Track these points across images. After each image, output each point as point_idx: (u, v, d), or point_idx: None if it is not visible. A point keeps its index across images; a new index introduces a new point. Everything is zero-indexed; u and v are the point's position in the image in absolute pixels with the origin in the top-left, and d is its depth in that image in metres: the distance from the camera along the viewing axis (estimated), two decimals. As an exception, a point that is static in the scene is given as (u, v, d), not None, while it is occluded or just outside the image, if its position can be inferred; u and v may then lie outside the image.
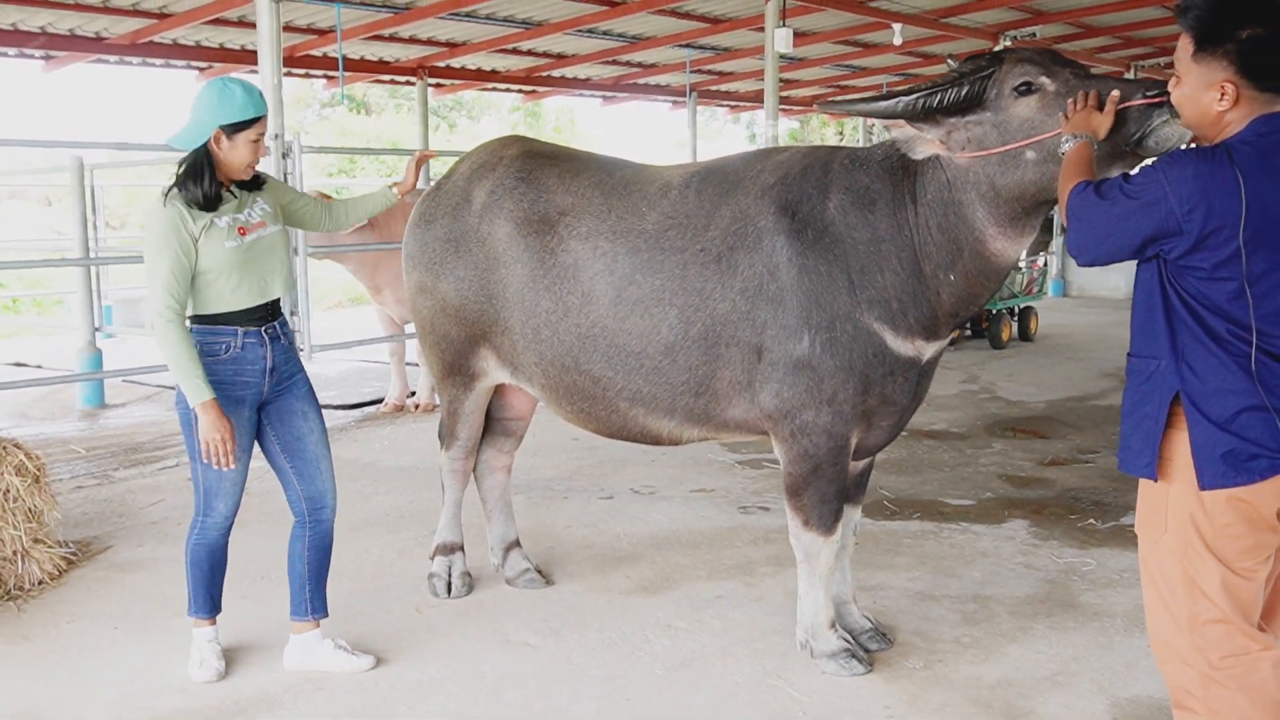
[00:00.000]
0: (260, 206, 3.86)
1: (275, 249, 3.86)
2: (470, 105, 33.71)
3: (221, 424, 3.61)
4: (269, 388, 3.85)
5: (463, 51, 14.30)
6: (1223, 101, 2.58)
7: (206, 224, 3.65)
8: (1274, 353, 2.57)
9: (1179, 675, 2.75)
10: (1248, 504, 2.60)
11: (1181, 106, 2.71)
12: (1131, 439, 2.77)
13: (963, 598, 4.66)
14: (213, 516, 3.88)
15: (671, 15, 13.09)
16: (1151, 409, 2.70)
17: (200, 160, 3.66)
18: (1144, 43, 16.59)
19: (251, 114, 3.65)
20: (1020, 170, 3.36)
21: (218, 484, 3.82)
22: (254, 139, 3.69)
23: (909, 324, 3.71)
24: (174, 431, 8.12)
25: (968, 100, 3.39)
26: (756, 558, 5.19)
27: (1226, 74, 2.56)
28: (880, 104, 3.52)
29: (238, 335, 3.75)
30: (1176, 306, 2.66)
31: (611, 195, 4.16)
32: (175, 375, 3.61)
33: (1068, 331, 13.15)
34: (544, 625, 4.43)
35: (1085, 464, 6.93)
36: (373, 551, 5.32)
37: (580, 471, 6.84)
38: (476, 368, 4.52)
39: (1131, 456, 2.77)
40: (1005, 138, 3.36)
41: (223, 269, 3.67)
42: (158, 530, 5.69)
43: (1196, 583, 2.66)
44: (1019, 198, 3.42)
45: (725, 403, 3.96)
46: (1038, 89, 3.30)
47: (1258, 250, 2.51)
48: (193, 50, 13.03)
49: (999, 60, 3.39)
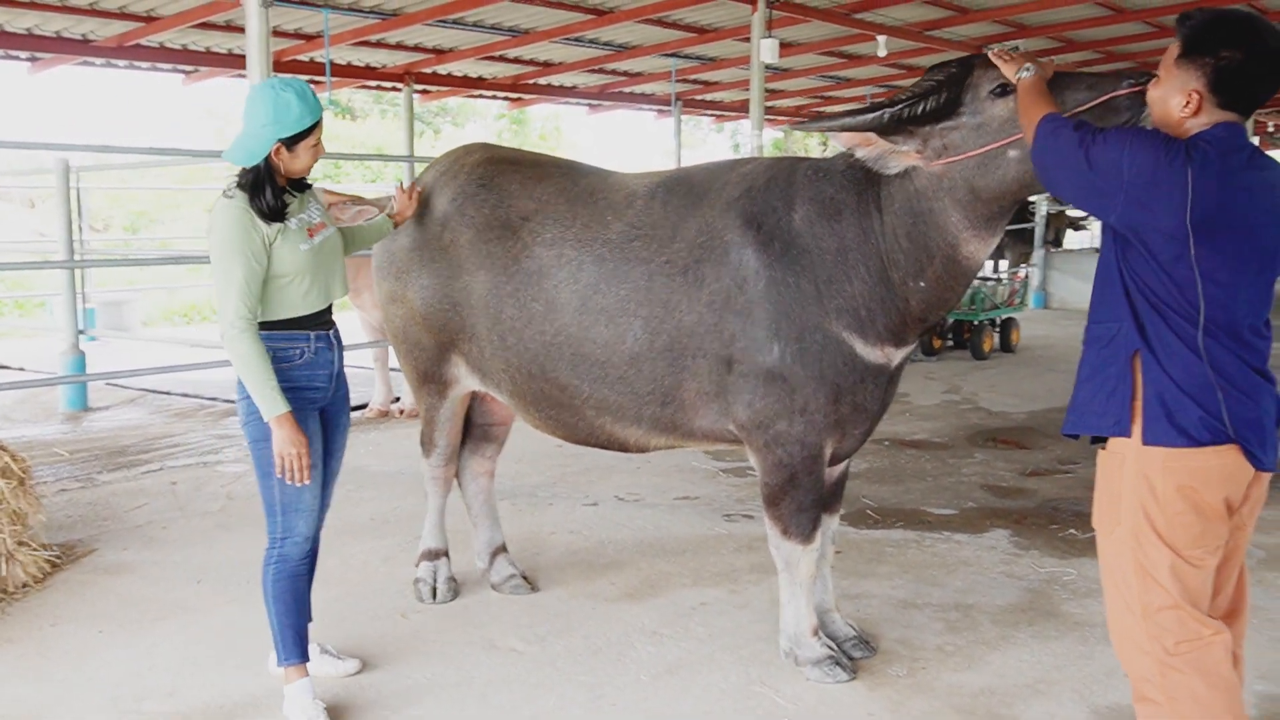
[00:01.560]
0: (315, 206, 3.74)
1: (337, 250, 3.76)
2: (455, 112, 33.73)
3: (298, 438, 3.44)
4: (332, 393, 3.74)
5: (449, 58, 14.32)
6: (1187, 108, 2.77)
7: (280, 227, 3.51)
8: (1217, 335, 2.73)
9: (1138, 664, 2.88)
10: (1196, 492, 2.75)
11: (1153, 104, 2.88)
12: (1093, 402, 2.89)
13: (945, 606, 4.70)
14: (293, 538, 3.65)
15: (658, 25, 13.15)
16: (1116, 369, 2.83)
17: (262, 175, 3.48)
18: (1125, 58, 16.73)
19: (309, 122, 3.49)
20: (1003, 169, 3.39)
21: (296, 501, 3.60)
22: (314, 144, 3.56)
23: (878, 331, 3.74)
24: (157, 435, 8.13)
25: (945, 107, 3.42)
26: (740, 565, 5.22)
27: (1198, 84, 2.74)
28: (861, 119, 3.49)
29: (310, 339, 3.62)
30: (1129, 280, 2.82)
31: (576, 202, 4.18)
32: (250, 388, 3.43)
33: (1049, 343, 13.25)
34: (530, 631, 4.45)
35: (1066, 474, 6.99)
36: (357, 557, 5.33)
37: (564, 478, 6.86)
38: (449, 375, 4.54)
39: (1093, 418, 2.88)
40: (984, 139, 3.39)
41: (296, 272, 3.54)
42: (142, 534, 5.69)
43: (1148, 571, 2.81)
44: (999, 197, 3.46)
45: (692, 412, 3.99)
46: (1013, 90, 3.30)
47: (1205, 242, 2.67)
48: (179, 54, 13.01)
49: (968, 66, 3.43)
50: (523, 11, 12.17)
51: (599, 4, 12.01)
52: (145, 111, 36.74)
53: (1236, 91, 2.73)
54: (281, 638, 3.67)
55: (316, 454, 3.63)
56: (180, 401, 9.59)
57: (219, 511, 6.12)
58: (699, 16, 13.01)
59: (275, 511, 3.63)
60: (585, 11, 12.20)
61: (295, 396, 3.54)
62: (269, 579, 3.67)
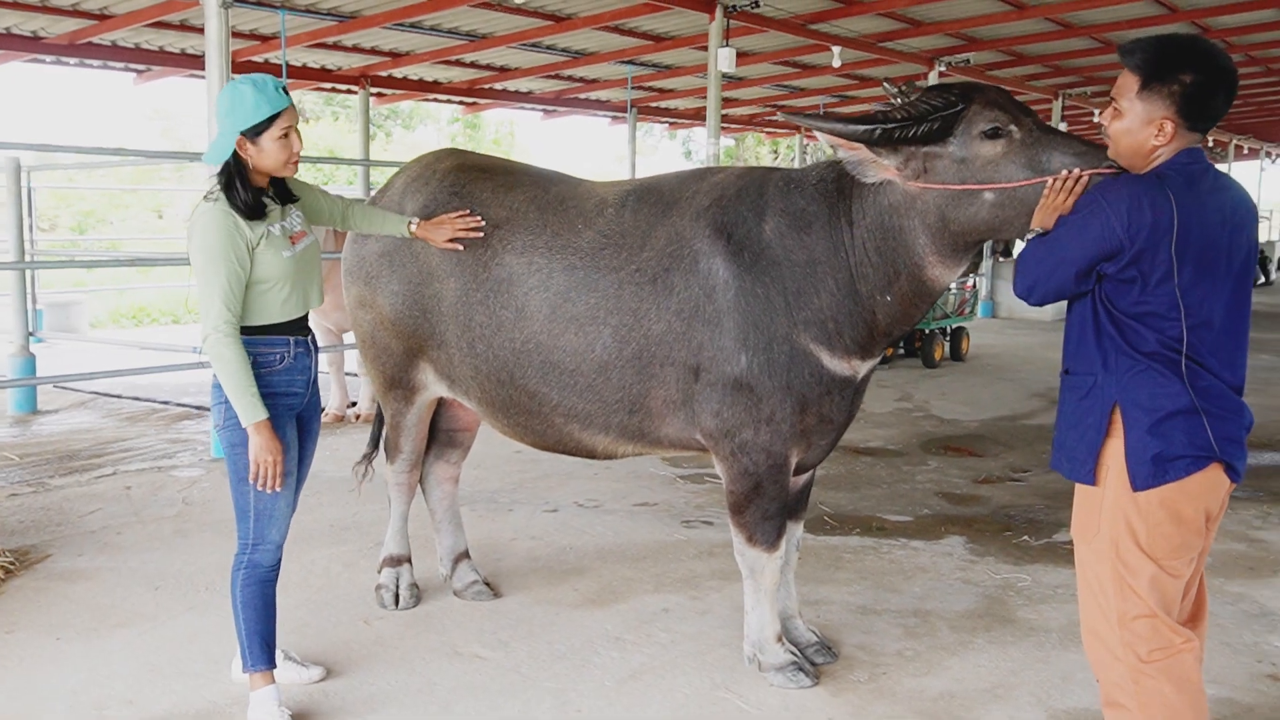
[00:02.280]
0: (296, 214, 3.73)
1: (315, 260, 3.75)
2: (406, 115, 33.59)
3: (274, 445, 3.44)
4: (307, 399, 3.73)
5: (406, 62, 14.27)
6: (1159, 137, 2.83)
7: (264, 232, 3.50)
8: (1199, 360, 2.81)
9: (1110, 671, 2.94)
10: (1178, 504, 2.83)
11: (1119, 139, 2.90)
12: (1077, 449, 2.98)
13: (904, 612, 4.77)
14: (265, 545, 3.63)
15: (615, 32, 13.19)
16: (1094, 420, 2.92)
17: (230, 170, 3.48)
18: (1072, 72, 17.06)
19: (267, 111, 3.44)
20: (976, 209, 3.39)
21: (271, 508, 3.59)
22: (279, 135, 3.49)
23: (845, 344, 3.78)
24: (110, 439, 8.02)
25: (935, 135, 3.40)
26: (701, 571, 5.27)
27: (1167, 112, 2.80)
28: (852, 127, 3.46)
29: (290, 345, 3.62)
30: (1106, 326, 2.88)
31: (547, 210, 4.20)
32: (229, 393, 3.42)
33: (997, 352, 13.45)
34: (493, 637, 4.45)
35: (1018, 482, 7.12)
36: (319, 563, 5.30)
37: (524, 484, 6.87)
38: (416, 380, 4.54)
39: (1076, 465, 2.98)
40: (965, 176, 3.37)
41: (278, 279, 3.53)
42: (97, 539, 5.62)
43: (1127, 580, 2.87)
44: (967, 233, 3.47)
45: (659, 421, 4.02)
46: (1005, 135, 3.31)
47: (1185, 266, 2.75)
48: (132, 52, 12.84)
49: (968, 99, 3.38)
50: (481, 16, 12.15)
51: (557, 10, 12.03)
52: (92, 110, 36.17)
53: (1201, 113, 2.81)
54: (249, 644, 3.65)
55: (292, 460, 3.63)
56: (132, 405, 9.47)
57: (176, 517, 6.06)
58: (656, 24, 13.06)
59: (248, 517, 3.61)
60: (544, 17, 12.21)
61: (274, 402, 3.53)
62: (238, 585, 3.65)
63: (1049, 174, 3.18)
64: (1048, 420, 9.23)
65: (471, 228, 4.17)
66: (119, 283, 17.59)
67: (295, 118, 3.56)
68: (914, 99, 3.47)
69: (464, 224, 4.17)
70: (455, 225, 4.17)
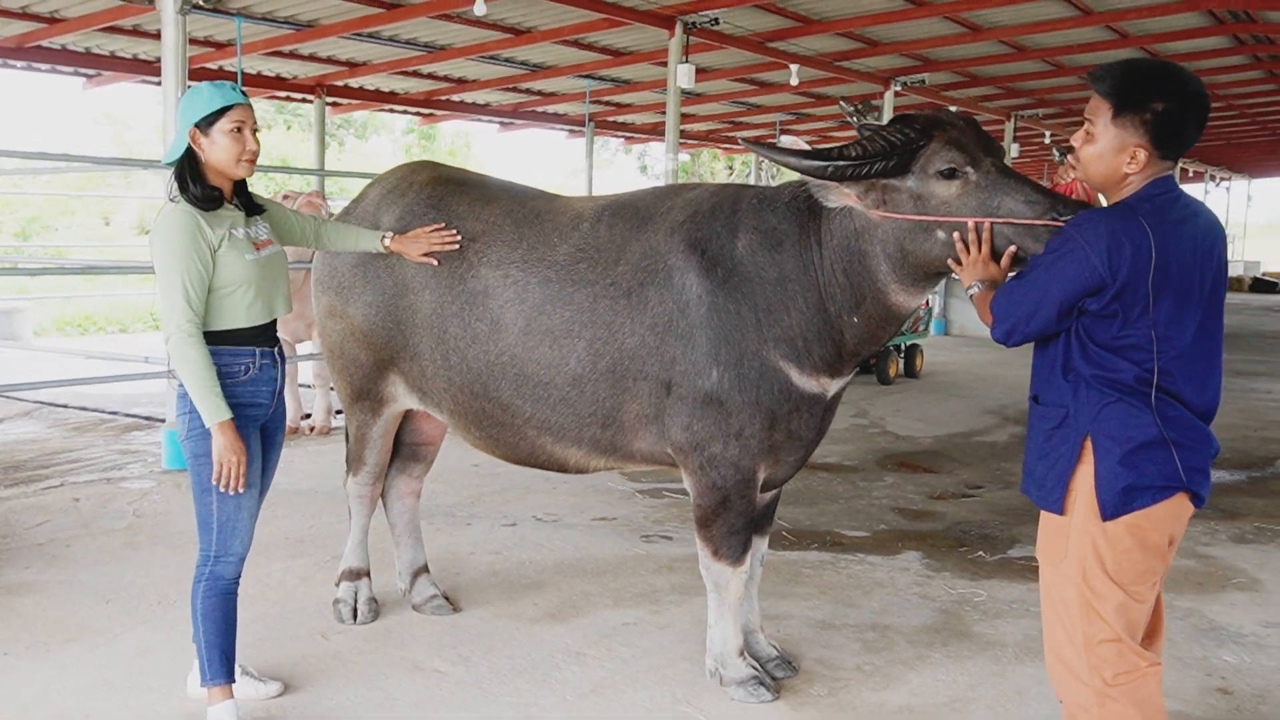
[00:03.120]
0: (262, 225, 3.74)
1: (281, 268, 3.75)
2: (360, 125, 33.40)
3: (238, 445, 3.43)
4: (272, 410, 3.71)
5: (363, 71, 14.22)
6: (1132, 164, 2.83)
7: (225, 234, 3.51)
8: (1171, 390, 2.82)
9: (1075, 693, 2.94)
10: (1144, 530, 2.85)
11: (1090, 163, 2.90)
12: (1046, 478, 2.98)
13: (862, 626, 4.80)
14: (227, 558, 3.60)
15: (574, 46, 13.24)
16: (1065, 450, 2.92)
17: (183, 163, 3.50)
18: (1025, 94, 17.36)
19: (219, 103, 3.48)
20: (930, 244, 3.42)
21: (234, 520, 3.57)
22: (229, 129, 3.50)
23: (814, 362, 3.81)
24: (57, 449, 7.88)
25: (892, 170, 3.43)
26: (661, 586, 5.27)
27: (1139, 140, 2.80)
28: (808, 162, 3.49)
29: (255, 355, 3.60)
30: (1078, 359, 2.88)
31: (523, 224, 4.20)
32: (192, 393, 3.41)
33: (950, 369, 13.60)
34: (453, 652, 4.42)
35: (972, 498, 7.20)
36: (275, 576, 5.24)
37: (482, 498, 6.84)
38: (385, 393, 4.51)
39: (1045, 493, 2.98)
40: (921, 210, 3.40)
41: (240, 283, 3.52)
42: (45, 552, 5.51)
43: (1094, 606, 2.88)
44: (923, 265, 3.50)
45: (632, 435, 4.03)
46: (960, 176, 3.33)
47: (1163, 298, 2.77)
48: (82, 57, 12.69)
49: (929, 134, 3.40)
50: (440, 28, 12.15)
51: (517, 23, 12.05)
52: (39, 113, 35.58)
53: (1173, 140, 2.80)
54: (208, 657, 3.61)
55: (255, 472, 3.60)
56: (79, 415, 9.31)
57: (126, 529, 5.96)
58: (616, 40, 13.12)
59: (211, 529, 3.58)
60: (503, 30, 12.23)
61: (238, 413, 3.51)
62: (199, 597, 3.60)
63: (998, 218, 3.24)
64: (1001, 437, 9.35)
65: (447, 241, 4.16)
66: (64, 290, 17.30)
67: (250, 116, 3.57)
68: (877, 131, 3.47)
69: (439, 237, 4.16)
70: (430, 239, 4.16)
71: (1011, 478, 7.78)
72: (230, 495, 3.53)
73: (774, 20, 11.93)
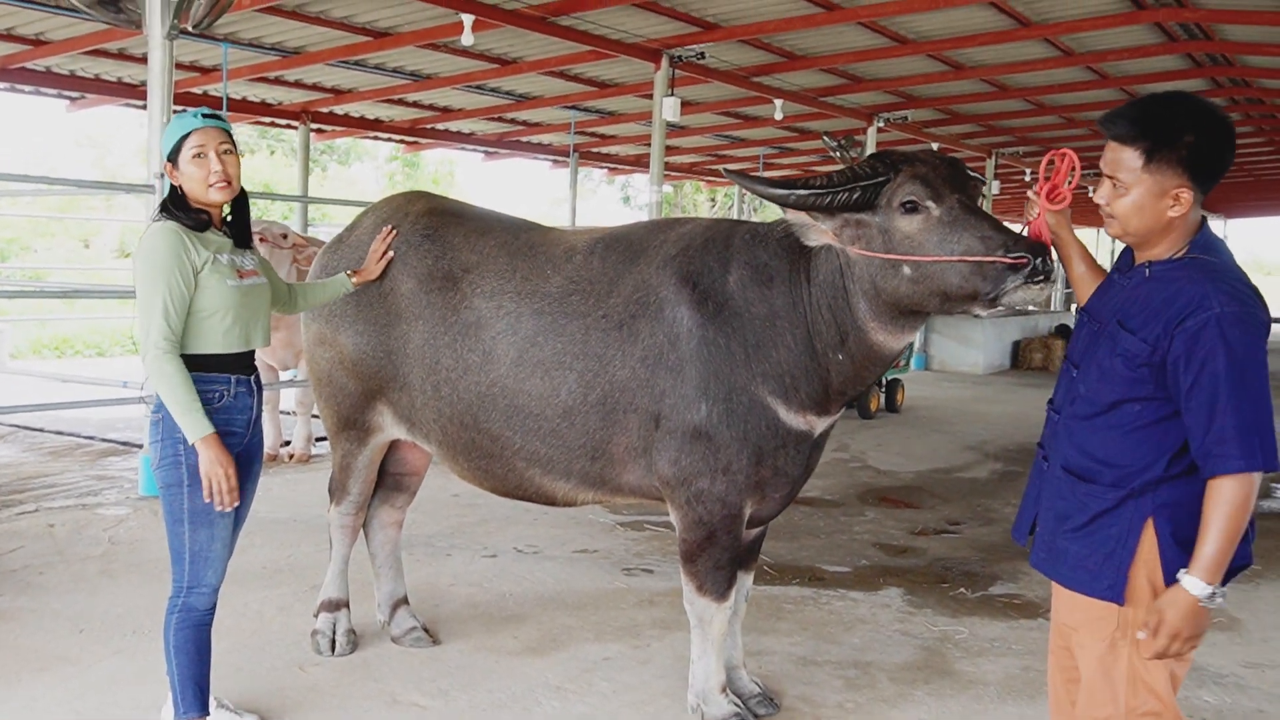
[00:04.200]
0: (252, 258, 3.72)
1: (263, 300, 3.71)
2: (343, 151, 33.37)
3: (225, 458, 3.39)
4: (247, 440, 3.64)
5: (348, 99, 14.23)
6: (1176, 208, 2.62)
7: (210, 258, 3.48)
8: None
9: None
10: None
11: (1128, 218, 2.67)
12: (1086, 560, 2.75)
13: (844, 663, 4.78)
14: (200, 589, 3.53)
15: (560, 77, 13.29)
16: (1119, 530, 2.69)
17: (168, 199, 3.54)
18: (1005, 131, 17.52)
19: (178, 134, 3.49)
20: (896, 281, 3.44)
21: (208, 549, 3.50)
22: (192, 155, 3.48)
23: (801, 399, 3.80)
24: (32, 474, 7.79)
25: (857, 204, 3.46)
26: (642, 620, 5.23)
27: (1179, 180, 2.60)
28: (775, 190, 3.55)
29: (230, 383, 3.55)
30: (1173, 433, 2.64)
31: (517, 256, 4.20)
32: (174, 410, 3.37)
33: (931, 404, 13.64)
34: (432, 685, 4.37)
35: (953, 535, 7.19)
36: (252, 606, 5.18)
37: (462, 529, 6.79)
38: (372, 422, 4.48)
39: (1087, 577, 2.74)
40: (888, 247, 3.43)
41: (220, 308, 3.49)
42: (18, 579, 5.43)
43: (1144, 679, 2.71)
44: (894, 303, 3.52)
45: (621, 468, 4.01)
46: (922, 210, 3.36)
47: None
48: (66, 79, 12.65)
49: (897, 169, 3.44)
50: (426, 57, 12.18)
51: (504, 54, 12.09)
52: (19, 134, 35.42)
53: (1212, 172, 2.62)
54: (181, 690, 3.55)
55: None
56: (55, 439, 9.21)
57: (101, 556, 5.88)
58: (602, 71, 13.19)
59: (183, 560, 3.51)
60: (489, 60, 12.27)
61: None
62: (171, 629, 3.54)
63: (954, 255, 3.24)
64: (981, 473, 9.36)
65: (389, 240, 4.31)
66: (41, 312, 17.17)
67: (210, 138, 3.52)
68: (849, 165, 3.50)
69: (383, 245, 4.29)
70: (378, 253, 4.28)
71: (992, 514, 7.79)
72: (203, 525, 3.48)
73: (759, 55, 12.02)
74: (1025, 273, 3.15)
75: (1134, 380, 2.66)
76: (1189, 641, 2.55)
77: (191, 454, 3.43)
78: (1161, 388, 2.63)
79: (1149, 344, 2.62)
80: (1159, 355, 2.60)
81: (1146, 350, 2.62)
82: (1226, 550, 2.51)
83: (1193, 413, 2.55)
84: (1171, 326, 2.57)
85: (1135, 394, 2.67)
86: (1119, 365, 2.69)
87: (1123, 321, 2.71)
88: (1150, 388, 2.64)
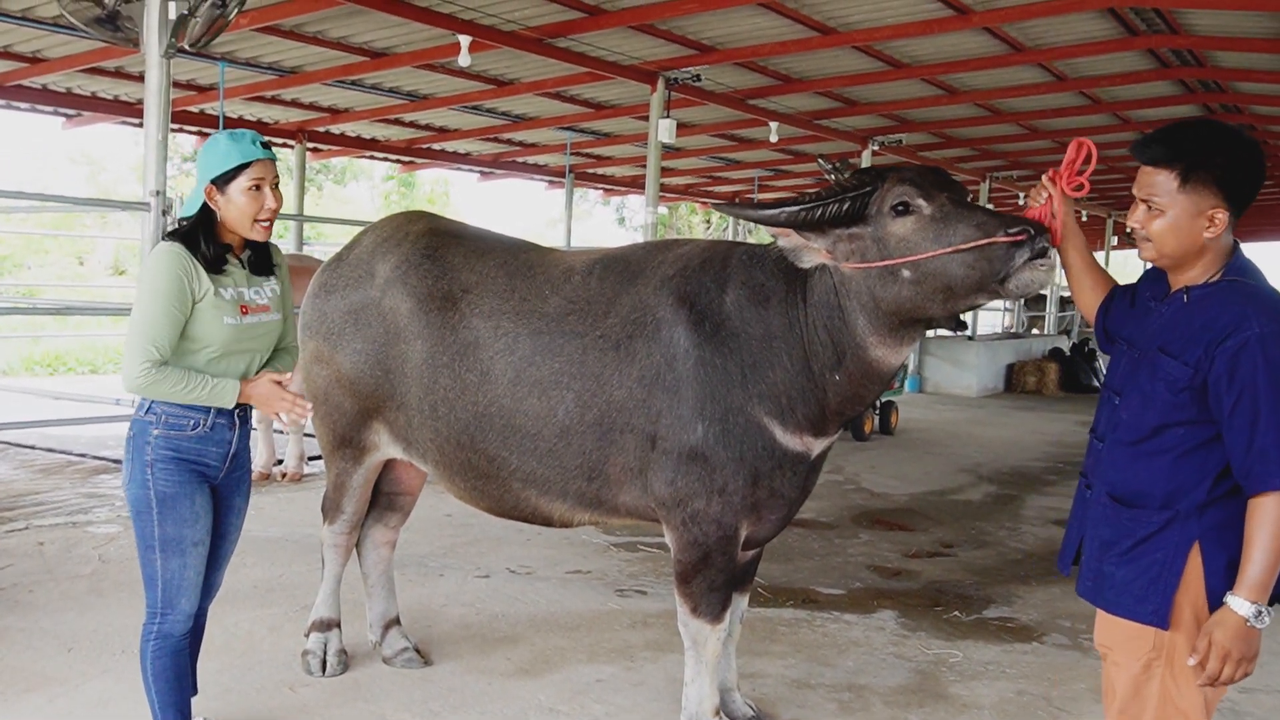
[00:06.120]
0: (270, 289, 3.58)
1: (269, 336, 3.57)
2: (339, 170, 33.40)
3: (274, 390, 3.40)
4: (225, 474, 3.53)
5: (344, 118, 14.24)
6: (1211, 229, 2.65)
7: (211, 290, 3.35)
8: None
9: None
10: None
11: (1163, 238, 2.70)
12: (1133, 584, 2.73)
13: (838, 686, 4.76)
14: (174, 615, 3.44)
15: (556, 98, 13.32)
16: (1164, 556, 2.69)
17: (195, 220, 3.39)
18: (999, 155, 17.60)
19: (237, 160, 3.33)
20: (896, 286, 3.44)
21: (180, 576, 3.41)
22: (248, 187, 3.35)
23: (798, 420, 3.79)
24: (22, 491, 7.75)
25: (849, 215, 3.46)
26: (635, 642, 5.21)
27: (1215, 201, 2.63)
28: (766, 212, 3.55)
29: (208, 414, 3.41)
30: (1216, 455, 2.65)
31: (515, 276, 4.20)
32: (196, 402, 3.33)
33: (925, 426, 13.64)
34: (423, 707, 4.34)
35: (947, 557, 7.18)
36: (242, 626, 5.14)
37: (455, 549, 6.76)
38: (368, 441, 4.47)
39: (1132, 601, 2.74)
40: (883, 254, 3.43)
41: (209, 343, 3.38)
42: (7, 597, 5.39)
43: (1179, 705, 2.69)
44: (895, 311, 3.50)
45: (617, 488, 3.99)
46: (914, 210, 3.37)
47: None
48: (63, 97, 12.65)
49: (882, 178, 3.46)
50: (423, 77, 12.20)
51: (500, 75, 12.12)
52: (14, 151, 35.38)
53: (1246, 192, 2.65)
54: (162, 716, 3.50)
55: (202, 530, 3.45)
56: (46, 456, 9.17)
57: (91, 575, 5.84)
58: (598, 93, 13.22)
59: (156, 585, 3.43)
60: (486, 81, 12.29)
61: (181, 466, 3.39)
62: (148, 655, 3.47)
63: (953, 245, 3.24)
64: (975, 496, 9.36)
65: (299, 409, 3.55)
66: (34, 329, 17.13)
67: (271, 172, 3.42)
68: (835, 182, 3.52)
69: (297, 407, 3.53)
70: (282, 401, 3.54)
71: (986, 537, 7.78)
72: (175, 555, 3.38)
73: (755, 78, 12.06)
74: (1028, 248, 3.14)
75: (1176, 405, 2.68)
76: (1240, 664, 2.55)
77: (160, 479, 3.35)
78: (1204, 411, 2.65)
79: (1191, 366, 2.64)
80: (1200, 377, 2.62)
81: (1189, 374, 2.64)
82: (1272, 568, 2.52)
83: (1234, 431, 2.57)
84: (1212, 347, 2.59)
85: (1178, 418, 2.68)
86: (1161, 390, 2.70)
87: (1163, 347, 2.72)
88: (1193, 412, 2.66)
